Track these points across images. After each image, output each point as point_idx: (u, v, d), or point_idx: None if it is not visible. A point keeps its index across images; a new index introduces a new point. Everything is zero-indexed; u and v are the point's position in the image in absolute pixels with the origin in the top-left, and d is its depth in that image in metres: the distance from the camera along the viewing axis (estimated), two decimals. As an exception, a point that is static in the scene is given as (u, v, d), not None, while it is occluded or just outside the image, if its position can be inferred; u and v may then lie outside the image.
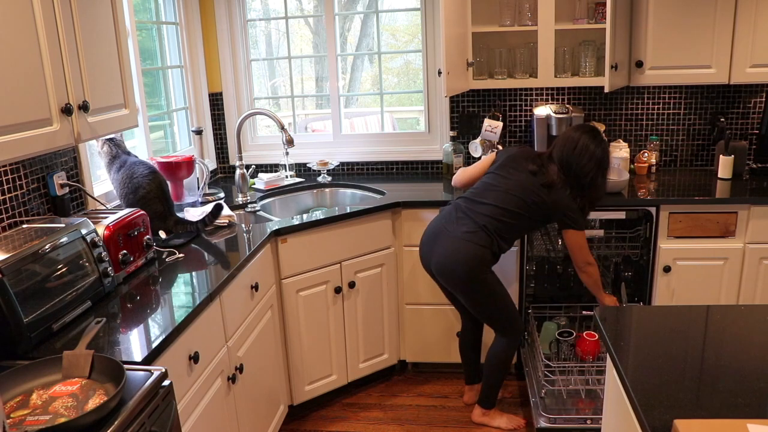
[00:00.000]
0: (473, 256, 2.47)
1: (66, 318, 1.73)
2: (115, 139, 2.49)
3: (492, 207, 2.51)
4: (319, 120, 4.89)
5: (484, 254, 2.48)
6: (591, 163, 2.49)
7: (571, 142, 2.52)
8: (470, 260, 2.48)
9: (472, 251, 2.47)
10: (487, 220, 2.49)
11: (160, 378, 1.48)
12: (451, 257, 2.51)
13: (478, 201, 2.55)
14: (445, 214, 2.63)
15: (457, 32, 3.02)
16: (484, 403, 2.82)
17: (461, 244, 2.49)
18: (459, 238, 2.50)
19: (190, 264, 2.24)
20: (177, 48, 3.39)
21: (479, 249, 2.47)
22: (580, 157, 2.49)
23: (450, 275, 2.55)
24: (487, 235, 2.49)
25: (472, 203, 2.56)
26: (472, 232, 2.49)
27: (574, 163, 2.49)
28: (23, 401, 1.37)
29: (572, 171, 2.50)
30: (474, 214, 2.52)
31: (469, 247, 2.47)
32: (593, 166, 2.50)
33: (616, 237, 3.10)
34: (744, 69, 2.97)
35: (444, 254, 2.53)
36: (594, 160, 2.49)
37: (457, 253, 2.49)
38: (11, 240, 1.72)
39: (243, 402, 2.25)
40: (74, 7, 1.81)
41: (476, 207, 2.54)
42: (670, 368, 1.41)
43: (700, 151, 3.46)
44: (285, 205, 3.39)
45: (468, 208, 2.55)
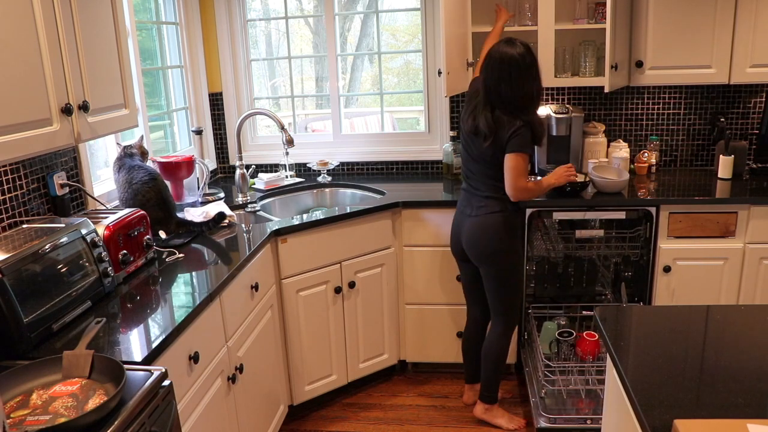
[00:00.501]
0: (493, 223, 2.56)
1: (66, 318, 1.73)
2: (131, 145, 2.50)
3: (479, 176, 2.59)
4: (319, 120, 4.89)
5: (504, 218, 2.56)
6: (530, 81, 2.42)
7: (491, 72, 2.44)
8: (492, 227, 2.57)
9: (491, 220, 2.56)
10: (485, 188, 2.57)
11: (160, 378, 1.48)
12: (476, 233, 2.60)
13: (471, 177, 2.64)
14: (460, 202, 2.73)
15: (457, 32, 3.02)
16: (485, 398, 2.82)
17: (480, 220, 2.58)
18: (476, 215, 2.60)
19: (190, 264, 2.24)
20: (177, 48, 3.39)
21: (497, 216, 2.56)
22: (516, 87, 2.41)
23: (479, 247, 2.61)
24: (494, 201, 2.56)
25: (468, 183, 2.66)
26: (484, 205, 2.58)
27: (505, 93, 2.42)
28: (23, 401, 1.37)
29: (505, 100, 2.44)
30: (475, 190, 2.61)
31: (488, 218, 2.57)
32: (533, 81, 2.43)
33: (616, 237, 3.10)
34: (744, 69, 2.97)
35: (470, 233, 2.62)
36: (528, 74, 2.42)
37: (481, 228, 2.59)
38: (11, 240, 1.72)
39: (243, 402, 2.25)
40: (74, 7, 1.81)
41: (473, 183, 2.63)
42: (670, 368, 1.41)
43: (700, 151, 3.46)
44: (285, 205, 3.39)
45: (469, 188, 2.65)
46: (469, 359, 2.96)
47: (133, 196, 2.39)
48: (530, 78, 2.45)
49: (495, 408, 2.82)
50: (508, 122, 2.44)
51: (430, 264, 3.05)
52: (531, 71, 2.45)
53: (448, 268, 3.04)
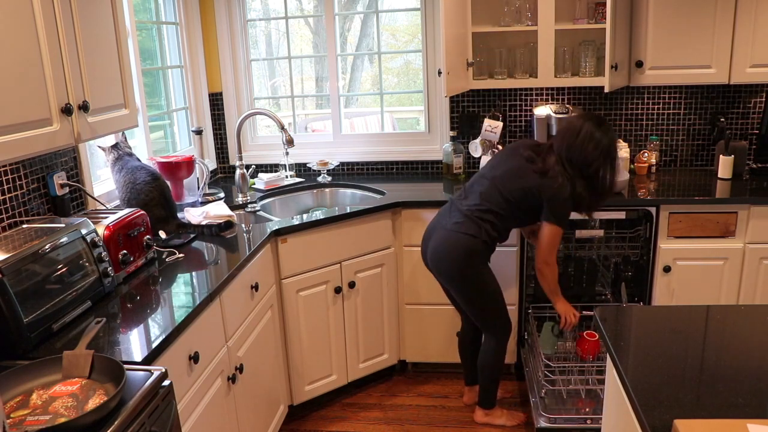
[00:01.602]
0: (463, 246, 2.46)
1: (66, 318, 1.73)
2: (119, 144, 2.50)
3: (478, 196, 2.49)
4: (319, 120, 4.89)
5: (474, 244, 2.45)
6: (596, 152, 2.36)
7: (573, 130, 2.40)
8: (461, 251, 2.46)
9: (461, 241, 2.46)
10: (474, 209, 2.47)
11: (160, 378, 1.48)
12: (442, 250, 2.51)
13: (468, 193, 2.57)
14: (441, 211, 2.65)
15: (457, 32, 3.02)
16: (484, 404, 2.82)
17: (451, 235, 2.48)
18: (449, 230, 2.49)
19: (190, 264, 2.24)
20: (177, 48, 3.39)
21: (467, 239, 2.45)
22: (583, 145, 2.36)
23: (440, 266, 2.55)
24: (473, 224, 2.45)
25: (465, 196, 2.57)
26: (461, 222, 2.48)
27: (577, 152, 2.37)
28: (23, 401, 1.37)
29: (574, 160, 2.38)
30: (462, 206, 2.52)
31: (458, 237, 2.46)
32: (598, 155, 2.37)
33: (616, 237, 3.10)
34: (744, 69, 2.97)
35: (435, 246, 2.54)
36: (599, 148, 2.36)
37: (446, 244, 2.49)
38: (11, 240, 1.72)
39: (243, 402, 2.25)
40: (74, 7, 1.81)
41: (468, 198, 2.54)
42: (670, 368, 1.41)
43: (700, 151, 3.46)
44: (285, 205, 3.39)
45: (460, 201, 2.56)
46: (466, 361, 2.95)
47: (135, 196, 2.39)
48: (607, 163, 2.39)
49: (494, 410, 2.83)
50: (561, 178, 2.36)
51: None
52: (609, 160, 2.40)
53: (448, 268, 3.04)
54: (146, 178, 2.42)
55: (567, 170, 2.39)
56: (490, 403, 2.81)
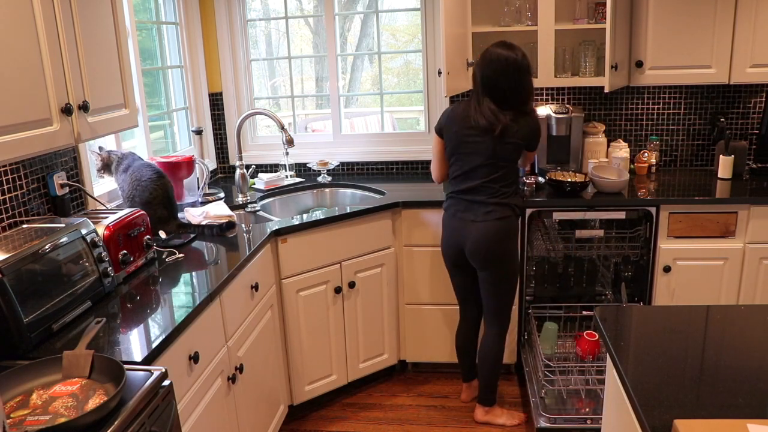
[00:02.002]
0: (502, 229, 2.56)
1: (66, 318, 1.73)
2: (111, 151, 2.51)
3: (485, 182, 2.55)
4: (319, 120, 4.89)
5: (510, 223, 2.59)
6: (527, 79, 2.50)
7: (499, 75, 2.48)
8: (501, 233, 2.56)
9: (500, 226, 2.56)
10: (492, 194, 2.55)
11: (160, 378, 1.48)
12: (484, 238, 2.56)
13: (473, 185, 2.57)
14: (457, 210, 2.64)
15: (457, 32, 3.02)
16: (484, 401, 2.82)
17: (488, 224, 2.55)
18: (483, 220, 2.56)
19: (190, 264, 2.24)
20: (177, 48, 3.39)
21: (505, 221, 2.57)
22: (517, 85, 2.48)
23: (486, 252, 2.59)
24: (501, 206, 2.56)
25: (471, 190, 2.58)
26: (491, 211, 2.55)
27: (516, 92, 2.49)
28: (23, 401, 1.37)
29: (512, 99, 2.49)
30: (480, 197, 2.57)
31: (496, 224, 2.55)
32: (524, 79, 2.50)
33: (616, 237, 3.10)
34: (744, 69, 2.97)
35: (477, 238, 2.57)
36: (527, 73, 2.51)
37: (488, 233, 2.56)
38: (11, 240, 1.72)
39: (243, 402, 2.25)
40: (74, 7, 1.81)
41: (476, 191, 2.58)
42: (670, 368, 1.41)
43: (700, 151, 3.46)
44: (285, 205, 3.39)
45: (472, 195, 2.59)
46: (464, 357, 2.96)
47: (141, 193, 2.40)
48: (529, 76, 2.53)
49: (495, 409, 2.83)
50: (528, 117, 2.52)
51: (430, 264, 3.05)
52: (528, 72, 2.52)
53: (448, 268, 3.04)
54: (152, 175, 2.44)
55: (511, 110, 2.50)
56: (491, 400, 2.81)
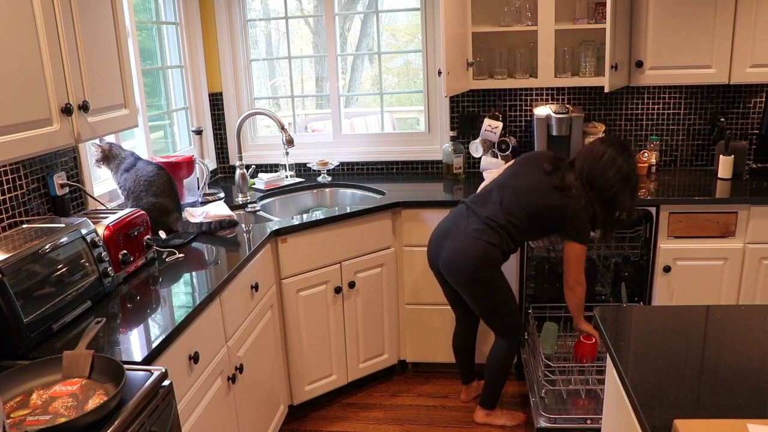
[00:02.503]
0: (483, 254, 2.44)
1: (66, 318, 1.73)
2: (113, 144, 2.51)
3: (498, 206, 2.47)
4: (319, 120, 4.89)
5: (493, 252, 2.45)
6: (616, 177, 2.38)
7: (596, 153, 2.41)
8: (479, 258, 2.45)
9: (482, 249, 2.44)
10: (497, 219, 2.45)
11: (160, 378, 1.48)
12: (459, 255, 2.48)
13: (488, 200, 2.52)
14: (455, 214, 2.60)
15: (457, 32, 3.02)
16: (486, 405, 2.82)
17: (471, 241, 2.45)
18: (469, 235, 2.46)
19: (190, 264, 2.24)
20: (177, 48, 3.39)
21: (489, 247, 2.44)
22: (604, 169, 2.38)
23: (457, 273, 2.51)
24: (496, 233, 2.45)
25: (483, 202, 2.53)
26: (482, 230, 2.45)
27: (597, 175, 2.39)
28: (23, 401, 1.37)
29: (594, 183, 2.40)
30: (484, 213, 2.49)
31: (479, 244, 2.44)
32: (618, 180, 2.39)
33: (616, 237, 3.10)
34: (744, 69, 2.97)
35: (453, 252, 2.50)
36: (620, 174, 2.38)
37: (466, 251, 2.46)
38: (11, 240, 1.72)
39: (243, 402, 2.25)
40: (74, 7, 1.81)
41: (486, 206, 2.51)
42: (670, 368, 1.41)
43: (700, 151, 3.46)
44: (285, 205, 3.39)
45: (478, 208, 2.52)
46: (462, 360, 2.95)
47: (147, 188, 2.41)
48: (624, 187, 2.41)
49: (495, 411, 2.83)
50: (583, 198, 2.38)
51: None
52: (629, 184, 2.42)
53: (448, 268, 3.04)
54: (156, 170, 2.47)
55: (587, 191, 2.41)
56: (492, 404, 2.81)
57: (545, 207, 2.43)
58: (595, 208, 2.42)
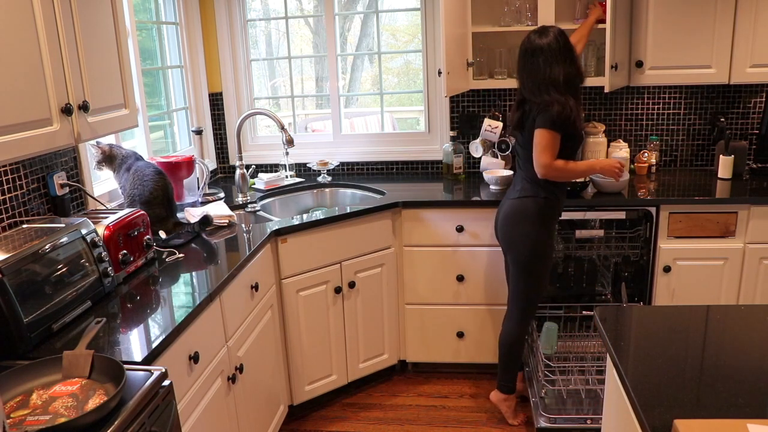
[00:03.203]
0: (524, 208, 2.57)
1: (66, 318, 1.73)
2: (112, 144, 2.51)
3: (524, 160, 2.61)
4: (319, 120, 4.89)
5: (534, 203, 2.56)
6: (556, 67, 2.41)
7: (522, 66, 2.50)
8: (522, 212, 2.57)
9: (523, 204, 2.58)
10: (526, 171, 2.58)
11: (160, 378, 1.48)
12: (507, 216, 2.63)
13: (518, 162, 2.69)
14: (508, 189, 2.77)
15: (457, 32, 3.02)
16: (503, 387, 2.80)
17: (513, 203, 2.62)
18: (512, 198, 2.64)
19: (190, 264, 2.24)
20: (177, 48, 3.39)
21: (528, 200, 2.57)
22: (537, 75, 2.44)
23: (505, 233, 2.64)
24: (530, 185, 2.57)
25: (518, 165, 2.69)
26: (519, 188, 2.62)
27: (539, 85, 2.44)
28: (23, 401, 1.37)
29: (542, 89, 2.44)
30: (519, 171, 2.66)
31: (519, 202, 2.59)
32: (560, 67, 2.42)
33: (616, 237, 3.10)
34: (744, 69, 2.97)
35: (503, 216, 2.66)
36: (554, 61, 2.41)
37: (511, 210, 2.62)
38: (11, 240, 1.72)
39: (243, 402, 2.25)
40: (74, 7, 1.81)
41: (520, 166, 2.67)
42: (670, 368, 1.41)
43: (700, 151, 3.46)
44: (285, 205, 3.39)
45: (518, 172, 2.69)
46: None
47: (141, 192, 2.41)
48: (555, 63, 2.42)
49: (510, 399, 2.80)
50: (537, 102, 2.47)
51: (430, 264, 3.05)
52: (557, 56, 2.42)
53: (448, 268, 3.04)
54: (153, 175, 2.45)
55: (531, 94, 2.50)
56: (509, 388, 2.79)
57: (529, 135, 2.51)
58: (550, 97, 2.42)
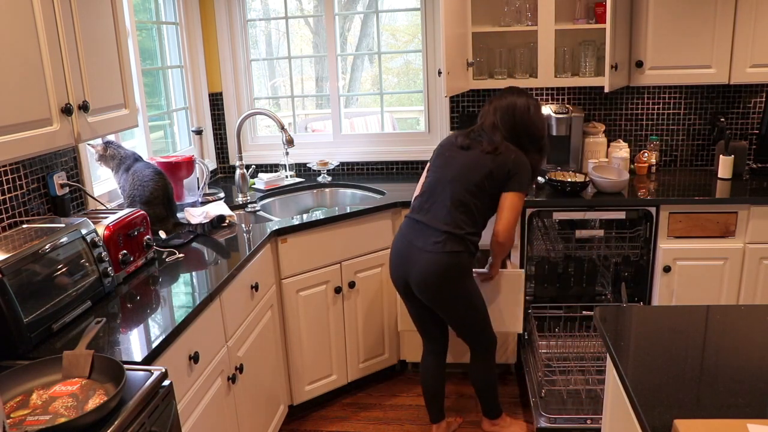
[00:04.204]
0: (452, 267, 2.31)
1: (66, 318, 1.73)
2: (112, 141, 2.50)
3: (448, 204, 2.33)
4: (319, 120, 4.89)
5: (461, 260, 2.32)
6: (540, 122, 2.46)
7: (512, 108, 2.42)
8: (450, 271, 2.31)
9: (451, 261, 2.30)
10: (449, 221, 2.31)
11: (160, 378, 1.48)
12: (431, 275, 2.32)
13: (432, 204, 2.37)
14: (406, 232, 2.43)
15: (457, 32, 3.02)
16: (490, 415, 2.71)
17: (437, 257, 2.30)
18: (430, 251, 2.30)
19: (190, 264, 2.24)
20: (177, 48, 3.39)
21: (455, 256, 2.30)
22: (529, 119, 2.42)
23: (437, 292, 2.37)
24: (455, 238, 2.30)
25: (428, 209, 2.38)
26: (440, 242, 2.29)
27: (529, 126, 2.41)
28: (23, 401, 1.37)
29: (526, 134, 2.41)
30: (435, 220, 2.33)
31: (445, 258, 2.29)
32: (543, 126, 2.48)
33: (616, 237, 3.10)
34: (744, 69, 2.97)
35: (423, 274, 2.33)
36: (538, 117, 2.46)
37: (437, 269, 2.31)
38: (11, 240, 1.72)
39: (243, 402, 2.25)
40: (74, 7, 1.81)
41: (433, 211, 2.35)
42: (670, 368, 1.41)
43: (700, 151, 3.46)
44: (285, 205, 3.39)
45: (426, 216, 2.37)
46: (431, 396, 2.69)
47: (141, 192, 2.41)
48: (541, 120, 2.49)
49: (503, 419, 2.73)
50: (515, 155, 2.35)
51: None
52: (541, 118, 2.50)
53: (448, 268, 3.03)
54: (152, 175, 2.45)
55: (517, 144, 2.41)
56: (497, 413, 2.71)
57: (486, 176, 2.32)
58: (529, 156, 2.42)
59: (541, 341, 3.07)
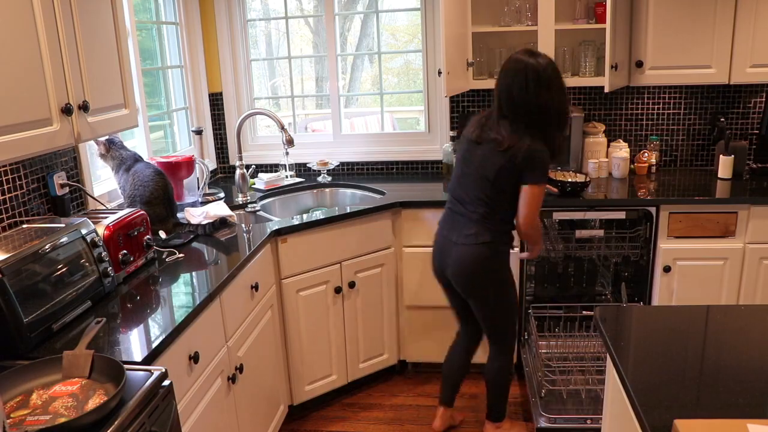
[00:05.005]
0: (483, 258, 2.36)
1: (66, 318, 1.73)
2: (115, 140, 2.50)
3: (473, 195, 2.35)
4: (319, 120, 4.89)
5: (492, 251, 2.36)
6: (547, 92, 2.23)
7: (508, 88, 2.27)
8: (482, 260, 2.36)
9: (480, 252, 2.35)
10: (478, 212, 2.34)
11: (160, 378, 1.48)
12: (467, 268, 2.39)
13: (460, 197, 2.41)
14: (444, 224, 2.50)
15: (457, 32, 3.02)
16: (494, 417, 2.69)
17: (468, 250, 2.36)
18: (463, 244, 2.37)
19: (190, 264, 2.24)
20: (177, 48, 3.40)
21: (485, 248, 2.35)
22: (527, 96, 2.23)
23: (466, 281, 2.42)
24: (484, 229, 2.34)
25: (458, 201, 2.42)
26: (471, 234, 2.35)
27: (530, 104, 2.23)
28: (23, 401, 1.37)
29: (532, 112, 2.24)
30: (465, 213, 2.38)
31: (476, 249, 2.35)
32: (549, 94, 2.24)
33: (616, 237, 3.10)
34: (744, 69, 2.97)
35: (459, 267, 2.40)
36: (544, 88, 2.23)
37: (468, 261, 2.37)
38: (11, 240, 1.72)
39: (243, 402, 2.25)
40: (74, 7, 1.81)
41: (463, 204, 2.40)
42: (670, 368, 1.41)
43: (700, 151, 3.46)
44: (285, 205, 3.39)
45: (457, 209, 2.42)
46: (449, 383, 2.75)
47: (141, 192, 2.41)
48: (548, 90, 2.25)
49: (505, 423, 2.71)
50: (530, 140, 2.23)
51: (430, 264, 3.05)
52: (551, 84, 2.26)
53: (448, 268, 3.04)
54: (152, 175, 2.45)
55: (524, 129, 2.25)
56: (500, 416, 2.69)
57: (500, 172, 2.27)
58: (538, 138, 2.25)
59: (541, 341, 3.07)
